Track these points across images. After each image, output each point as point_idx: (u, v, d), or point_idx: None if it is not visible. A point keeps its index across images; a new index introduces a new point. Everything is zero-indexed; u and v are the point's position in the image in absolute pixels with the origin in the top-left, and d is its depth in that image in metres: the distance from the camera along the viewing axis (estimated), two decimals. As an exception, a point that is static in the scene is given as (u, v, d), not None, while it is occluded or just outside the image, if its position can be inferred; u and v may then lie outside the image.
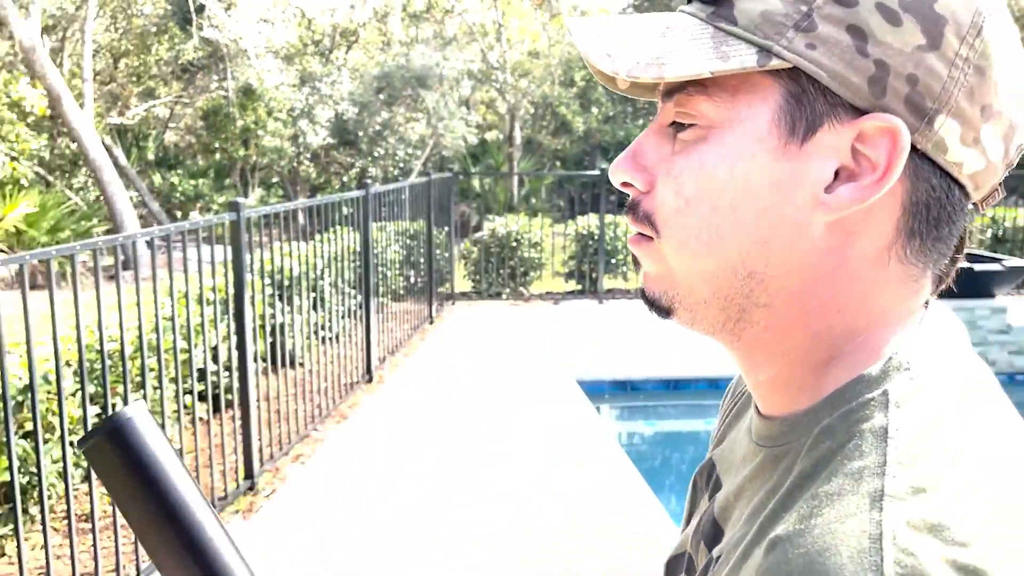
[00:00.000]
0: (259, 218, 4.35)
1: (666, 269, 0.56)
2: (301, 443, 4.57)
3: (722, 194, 0.52)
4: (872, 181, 0.50)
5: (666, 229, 0.54)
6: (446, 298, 8.30)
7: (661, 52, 0.52)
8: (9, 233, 10.26)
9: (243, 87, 13.97)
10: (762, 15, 0.51)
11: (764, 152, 0.51)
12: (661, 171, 0.55)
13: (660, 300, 0.57)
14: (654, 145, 0.56)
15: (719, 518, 0.61)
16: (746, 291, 0.54)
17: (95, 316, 2.94)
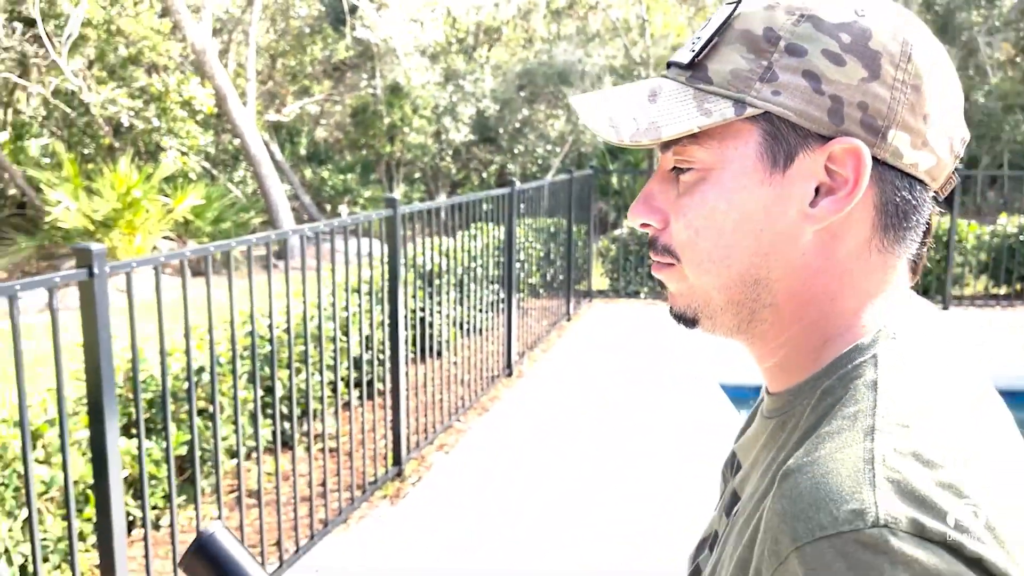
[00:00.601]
0: (411, 214, 4.49)
1: (688, 287, 0.69)
2: (445, 433, 4.70)
3: (724, 222, 0.65)
4: (846, 193, 0.62)
5: (683, 256, 0.67)
6: (583, 295, 8.30)
7: (654, 117, 0.64)
8: (178, 223, 11.06)
9: (391, 85, 14.46)
10: (731, 73, 0.63)
11: (754, 183, 0.64)
12: (672, 210, 0.67)
13: (686, 313, 0.70)
14: (661, 190, 0.68)
15: (738, 489, 0.73)
16: (754, 296, 0.66)
17: (251, 305, 3.13)
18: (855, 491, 0.52)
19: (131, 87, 11.44)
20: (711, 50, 0.65)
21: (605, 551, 3.35)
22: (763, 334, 0.68)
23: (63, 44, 10.33)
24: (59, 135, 12.66)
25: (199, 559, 0.73)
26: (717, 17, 0.66)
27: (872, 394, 0.59)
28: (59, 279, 2.16)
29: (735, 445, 0.81)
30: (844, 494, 0.52)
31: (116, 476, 2.35)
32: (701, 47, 0.65)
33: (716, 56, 0.64)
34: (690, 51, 0.66)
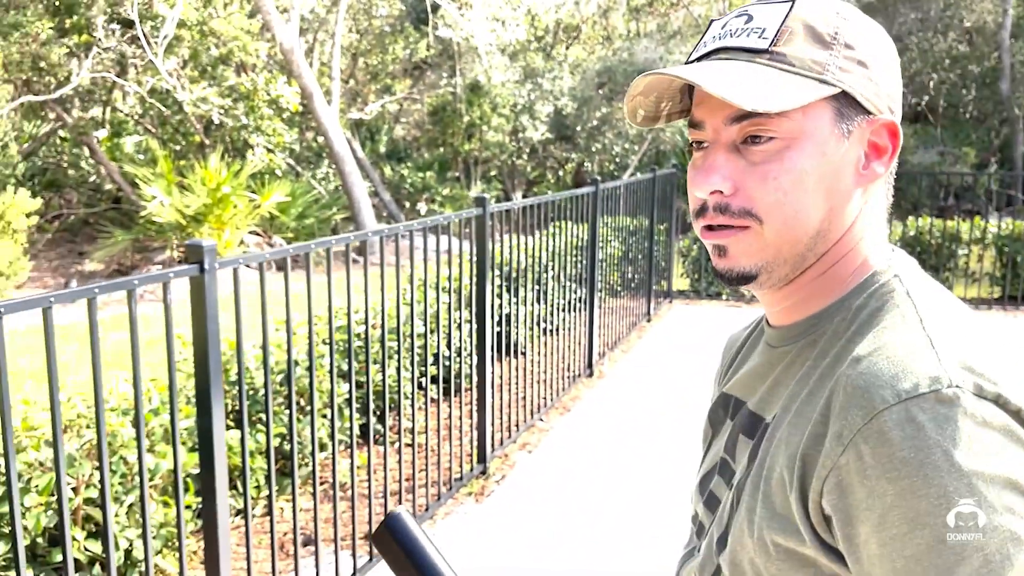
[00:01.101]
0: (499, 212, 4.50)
1: (762, 245, 0.78)
2: (527, 431, 4.70)
3: (809, 183, 0.76)
4: (887, 158, 0.81)
5: (770, 216, 0.77)
6: (663, 295, 8.21)
7: (771, 91, 0.74)
8: (264, 218, 11.36)
9: (471, 83, 14.55)
10: (811, 60, 0.76)
11: (830, 150, 0.77)
12: (749, 175, 0.77)
13: (750, 271, 0.80)
14: (727, 160, 0.78)
15: (756, 411, 0.84)
16: (812, 246, 0.79)
17: (347, 301, 3.17)
18: (927, 364, 0.68)
19: (221, 86, 11.80)
20: (785, 39, 0.77)
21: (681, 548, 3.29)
22: (798, 279, 0.81)
23: (159, 44, 10.72)
24: (153, 132, 13.15)
25: (389, 533, 0.85)
26: (778, 11, 0.78)
27: (909, 299, 0.76)
28: (173, 274, 2.24)
29: (724, 389, 0.94)
30: (919, 367, 0.68)
31: (222, 466, 2.42)
32: (774, 36, 0.77)
33: (788, 44, 0.76)
34: (760, 39, 0.77)
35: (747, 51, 0.77)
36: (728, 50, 0.78)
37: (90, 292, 2.03)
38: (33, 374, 6.30)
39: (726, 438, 0.89)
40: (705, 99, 0.79)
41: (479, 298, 4.04)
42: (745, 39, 0.78)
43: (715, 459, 0.91)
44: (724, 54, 0.78)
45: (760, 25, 0.78)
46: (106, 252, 10.79)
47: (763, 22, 0.78)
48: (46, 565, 2.77)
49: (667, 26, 16.15)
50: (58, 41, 11.13)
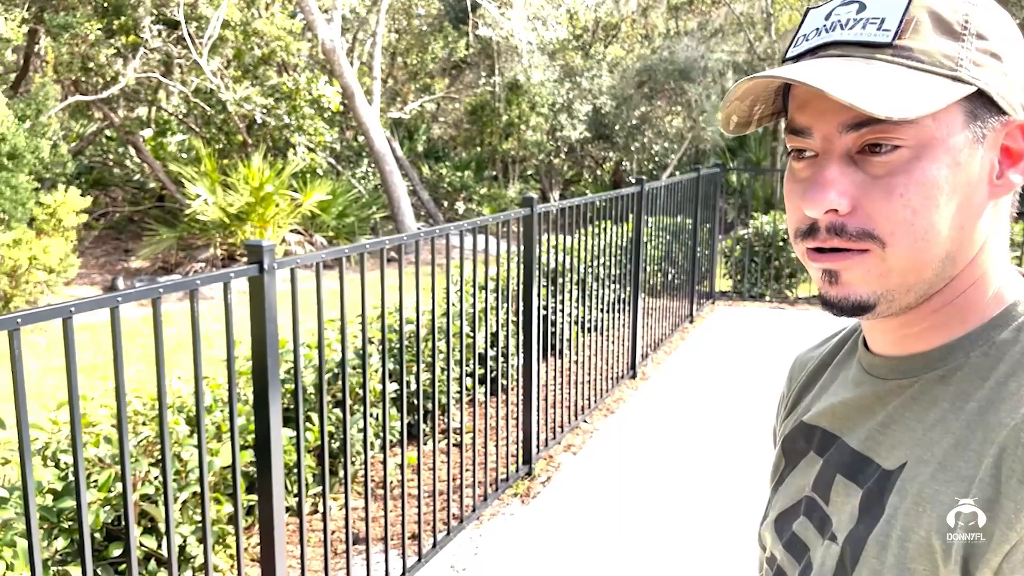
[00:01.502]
0: (546, 212, 4.48)
1: (884, 271, 0.67)
2: (571, 433, 4.68)
3: (940, 197, 0.65)
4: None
5: (894, 237, 0.66)
6: (706, 297, 8.13)
7: (901, 93, 0.62)
8: (305, 217, 11.47)
9: (510, 82, 14.55)
10: (942, 54, 0.65)
11: (965, 159, 0.66)
12: (869, 191, 0.66)
13: (868, 300, 0.68)
14: (843, 173, 0.67)
15: (864, 452, 0.72)
16: (941, 270, 0.68)
17: (399, 301, 3.17)
18: None
19: (264, 86, 11.93)
20: (910, 31, 0.65)
21: (731, 557, 3.25)
22: (922, 307, 0.70)
23: (204, 45, 10.87)
24: (197, 132, 13.34)
25: None
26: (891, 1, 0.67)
27: None
28: (233, 274, 2.25)
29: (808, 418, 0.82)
30: None
31: (278, 464, 2.43)
32: (897, 28, 0.65)
33: (914, 36, 0.65)
34: (880, 31, 0.66)
35: (865, 46, 0.66)
36: (840, 45, 0.67)
37: (155, 292, 2.05)
38: (84, 369, 6.43)
39: (815, 475, 0.78)
40: (811, 102, 0.68)
41: (526, 298, 4.03)
42: (861, 31, 0.66)
43: (797, 496, 0.81)
44: (836, 49, 0.67)
45: (877, 14, 0.66)
46: (152, 250, 10.96)
47: (880, 10, 0.67)
48: (103, 560, 2.81)
49: (708, 24, 16.00)
50: (106, 42, 11.34)
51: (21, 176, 8.04)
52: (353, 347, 3.94)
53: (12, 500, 2.58)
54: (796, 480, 0.82)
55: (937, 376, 0.70)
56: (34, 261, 7.95)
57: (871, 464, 0.72)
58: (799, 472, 0.81)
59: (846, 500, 0.73)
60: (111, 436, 2.93)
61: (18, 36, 10.19)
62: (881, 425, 0.72)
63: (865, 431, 0.74)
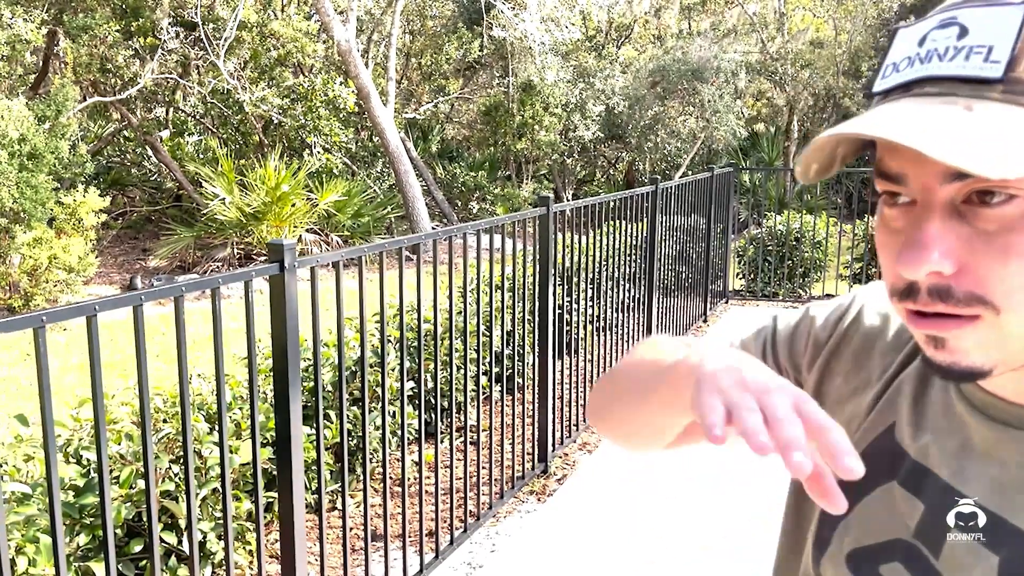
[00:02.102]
0: (562, 212, 4.50)
1: (999, 338, 0.59)
2: (587, 431, 4.69)
3: None
4: None
5: (1010, 302, 0.57)
6: (719, 296, 8.12)
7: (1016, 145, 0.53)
8: (321, 216, 11.53)
9: (523, 83, 14.57)
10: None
11: None
12: (980, 250, 0.57)
13: (981, 368, 0.60)
14: (946, 229, 0.58)
15: (990, 508, 0.64)
16: None
17: (417, 299, 3.20)
18: None
19: (280, 87, 12.01)
20: (1019, 61, 0.55)
21: (750, 559, 3.25)
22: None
23: (221, 46, 10.95)
24: (214, 132, 13.44)
25: None
26: (1006, 21, 0.55)
27: None
28: (255, 273, 2.28)
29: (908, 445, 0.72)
30: None
31: (299, 462, 2.46)
32: (1010, 59, 0.55)
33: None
34: (989, 63, 0.56)
35: (970, 82, 0.56)
36: (939, 81, 0.57)
37: (178, 290, 2.08)
38: (105, 365, 6.50)
39: (917, 521, 0.69)
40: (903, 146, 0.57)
41: (542, 297, 4.04)
42: (964, 63, 0.56)
43: (885, 536, 0.71)
44: (933, 87, 0.57)
45: (983, 41, 0.56)
46: (169, 249, 11.06)
47: (987, 36, 0.56)
48: (124, 556, 2.85)
49: (721, 24, 15.97)
50: (124, 43, 11.45)
51: (41, 176, 8.13)
52: (371, 345, 3.97)
53: (35, 496, 2.63)
54: (881, 513, 0.71)
55: None
56: (54, 260, 8.05)
57: (1006, 525, 0.63)
58: (882, 503, 0.71)
59: (973, 562, 0.64)
60: (132, 433, 2.97)
61: (37, 38, 10.31)
62: (1013, 484, 0.63)
63: (988, 484, 0.65)
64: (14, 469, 2.70)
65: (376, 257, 2.80)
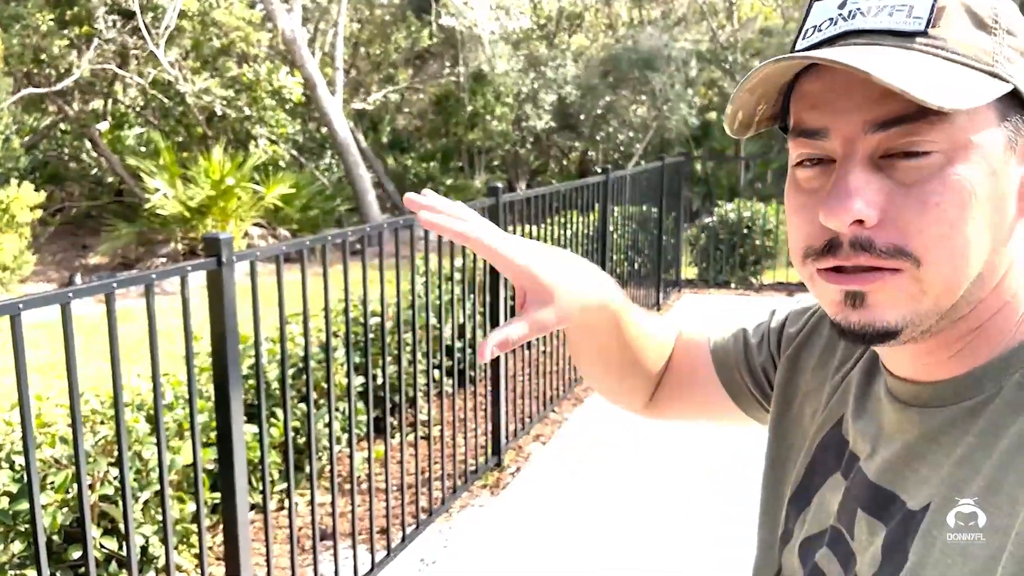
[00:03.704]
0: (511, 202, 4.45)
1: (917, 292, 0.59)
2: (541, 423, 4.66)
3: (977, 209, 0.57)
4: None
5: (930, 254, 0.57)
6: (672, 285, 8.16)
7: (947, 84, 0.55)
8: (268, 210, 11.32)
9: (474, 72, 14.47)
10: (979, 47, 0.58)
11: (1004, 165, 0.58)
12: (901, 201, 0.58)
13: (894, 326, 0.60)
14: (870, 179, 0.58)
15: (881, 483, 0.65)
16: (969, 293, 0.60)
17: (346, 293, 3.13)
18: None
19: (223, 77, 11.74)
20: (941, 21, 0.58)
21: (703, 546, 3.26)
22: (945, 333, 0.62)
23: (160, 36, 10.65)
24: (156, 125, 13.10)
25: None
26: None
27: None
28: (191, 267, 2.20)
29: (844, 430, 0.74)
30: None
31: (241, 460, 2.38)
32: (929, 16, 0.58)
33: (948, 27, 0.58)
34: (912, 18, 0.58)
35: (895, 34, 0.58)
36: (865, 33, 0.59)
37: (108, 287, 1.99)
38: (39, 368, 6.28)
39: (838, 504, 0.71)
40: (827, 99, 0.60)
41: (492, 289, 4.00)
42: (887, 19, 0.58)
43: (823, 524, 0.72)
44: (860, 38, 0.59)
45: (903, 2, 0.59)
46: (111, 245, 10.75)
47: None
48: (61, 563, 2.74)
49: (671, 13, 16.05)
50: (59, 33, 11.07)
51: (-28, 171, 7.83)
52: (317, 341, 3.89)
53: (-36, 504, 2.50)
54: (823, 501, 0.73)
55: (966, 408, 0.62)
56: (-13, 258, 7.76)
57: (895, 500, 0.64)
58: (827, 492, 0.73)
59: (870, 539, 0.65)
60: (67, 436, 2.85)
61: (-34, 27, 9.91)
62: (904, 457, 0.65)
63: (884, 461, 0.66)
64: (-61, 478, 2.57)
65: (321, 251, 2.72)
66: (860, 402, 0.73)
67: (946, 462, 0.61)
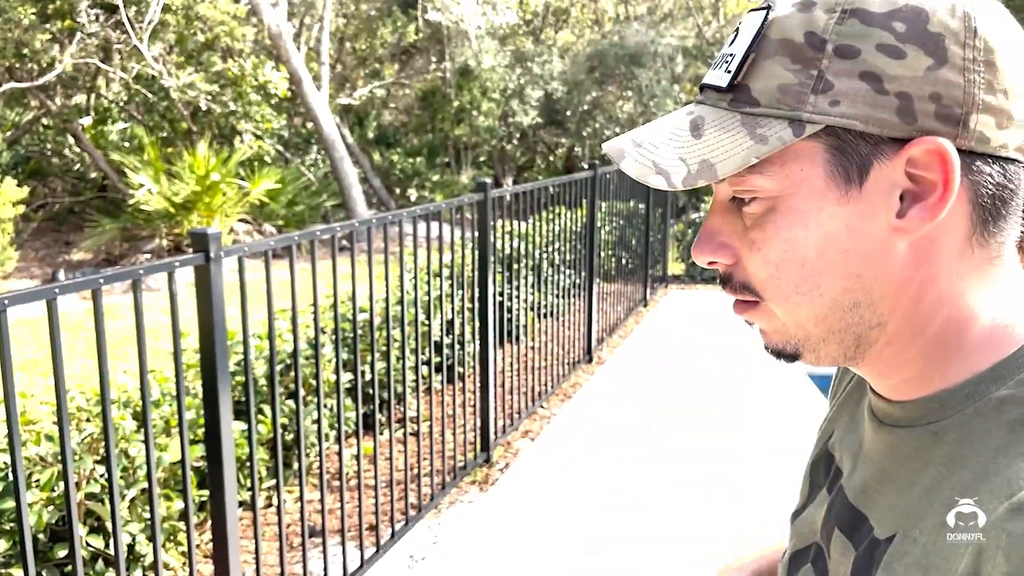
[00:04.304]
0: (499, 198, 4.45)
1: (779, 323, 0.62)
2: (529, 419, 4.66)
3: (805, 250, 0.58)
4: (937, 198, 0.55)
5: (766, 293, 0.60)
6: (659, 280, 8.18)
7: (705, 154, 0.58)
8: (254, 206, 11.25)
9: (460, 68, 14.43)
10: (779, 89, 0.57)
11: (829, 204, 0.57)
12: (742, 244, 0.61)
13: (785, 349, 0.63)
14: (724, 222, 0.62)
15: (856, 503, 0.65)
16: (856, 319, 0.59)
17: (335, 289, 3.12)
18: None
19: (208, 72, 11.65)
20: (750, 67, 0.58)
21: (692, 541, 3.27)
22: (879, 354, 0.62)
23: (144, 30, 10.56)
24: (139, 120, 12.98)
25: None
26: (748, 28, 0.59)
27: None
28: (178, 263, 2.17)
29: (827, 445, 0.76)
30: None
31: (230, 457, 2.37)
32: (738, 66, 0.58)
33: (757, 73, 0.58)
34: (726, 72, 0.59)
35: (716, 90, 0.61)
36: (706, 88, 0.62)
37: (95, 283, 1.96)
38: (23, 365, 6.21)
39: (822, 520, 0.71)
40: None
41: (481, 284, 3.99)
42: (717, 73, 0.61)
43: (809, 540, 0.73)
44: (705, 93, 0.62)
45: (735, 50, 0.60)
46: (94, 241, 10.65)
47: (737, 44, 0.60)
48: (47, 562, 2.71)
49: (657, 9, 16.06)
50: (41, 27, 10.94)
51: (-47, 166, 7.73)
52: (305, 337, 3.87)
53: (-52, 503, 2.47)
54: (810, 517, 0.74)
55: (930, 431, 0.60)
56: (-31, 254, 7.67)
57: (865, 524, 0.64)
58: (814, 509, 0.74)
59: (842, 560, 0.65)
60: (52, 434, 2.82)
61: (-54, 20, 9.79)
62: (876, 479, 0.64)
63: (861, 480, 0.66)
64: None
65: (310, 246, 2.70)
66: (851, 417, 0.74)
67: (913, 491, 0.60)
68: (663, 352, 6.01)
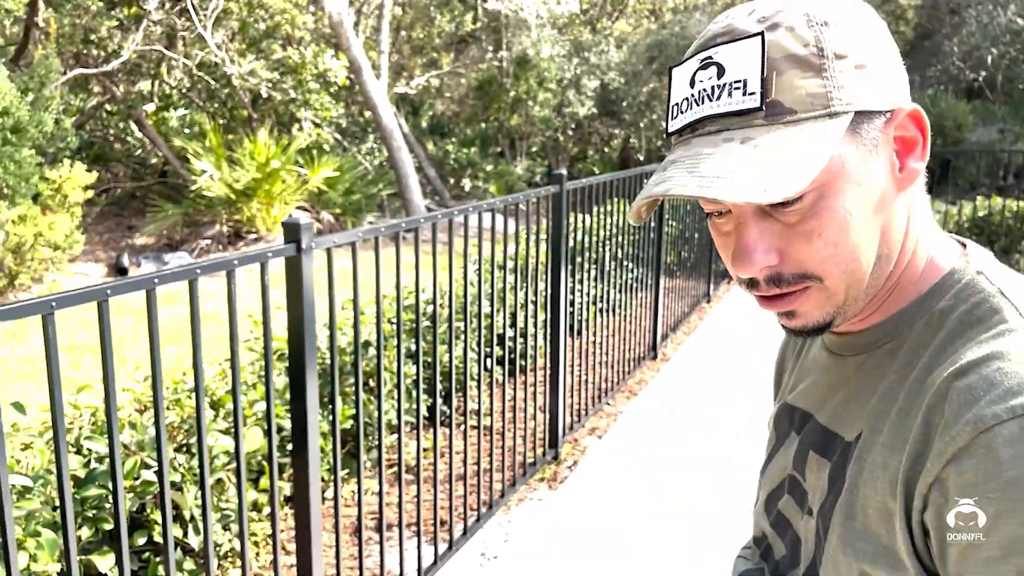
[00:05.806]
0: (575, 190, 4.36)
1: (829, 295, 0.72)
2: (595, 416, 4.59)
3: (856, 222, 0.69)
4: (920, 149, 0.71)
5: (826, 271, 0.70)
6: (722, 276, 8.02)
7: (786, 163, 0.64)
8: (311, 194, 11.32)
9: (518, 57, 14.34)
10: (809, 95, 0.66)
11: (865, 177, 0.69)
12: (791, 240, 0.69)
13: (825, 321, 0.73)
14: (759, 231, 0.70)
15: (830, 427, 0.78)
16: (880, 271, 0.72)
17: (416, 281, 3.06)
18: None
19: (269, 59, 11.74)
20: (769, 87, 0.66)
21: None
22: (874, 300, 0.74)
23: (208, 17, 10.67)
24: (201, 106, 13.15)
25: None
26: (749, 54, 0.66)
27: (1006, 300, 0.68)
28: (271, 254, 2.14)
29: (787, 399, 0.88)
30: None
31: (315, 448, 2.34)
32: (761, 86, 0.66)
33: (783, 87, 0.66)
34: (745, 95, 0.66)
35: (739, 115, 0.67)
36: (716, 119, 0.68)
37: (192, 273, 1.94)
38: (92, 348, 6.32)
39: (793, 453, 0.83)
40: None
41: (554, 278, 3.92)
42: (728, 100, 0.67)
43: (782, 476, 0.85)
44: (713, 124, 0.68)
45: (738, 76, 0.67)
46: (157, 226, 10.83)
47: (739, 71, 0.67)
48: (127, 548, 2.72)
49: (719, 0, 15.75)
50: (108, 14, 11.13)
51: (25, 151, 7.89)
52: (386, 328, 3.84)
53: (35, 489, 2.49)
54: (779, 460, 0.86)
55: (887, 350, 0.74)
56: (39, 238, 7.83)
57: (836, 438, 0.76)
58: (783, 451, 0.86)
59: (818, 475, 0.77)
60: (135, 421, 2.83)
61: (18, 7, 9.99)
62: (843, 401, 0.77)
63: (830, 407, 0.79)
64: (13, 461, 2.56)
65: (395, 238, 2.66)
66: (800, 371, 0.88)
67: (872, 398, 0.73)
68: (727, 348, 5.88)
